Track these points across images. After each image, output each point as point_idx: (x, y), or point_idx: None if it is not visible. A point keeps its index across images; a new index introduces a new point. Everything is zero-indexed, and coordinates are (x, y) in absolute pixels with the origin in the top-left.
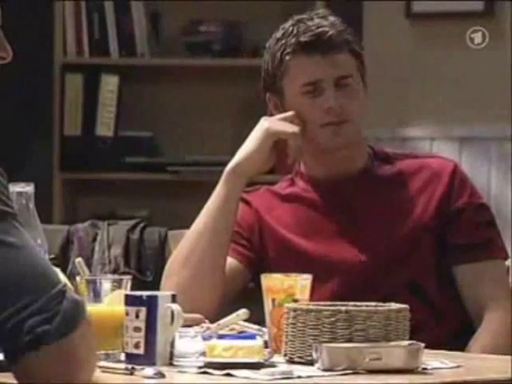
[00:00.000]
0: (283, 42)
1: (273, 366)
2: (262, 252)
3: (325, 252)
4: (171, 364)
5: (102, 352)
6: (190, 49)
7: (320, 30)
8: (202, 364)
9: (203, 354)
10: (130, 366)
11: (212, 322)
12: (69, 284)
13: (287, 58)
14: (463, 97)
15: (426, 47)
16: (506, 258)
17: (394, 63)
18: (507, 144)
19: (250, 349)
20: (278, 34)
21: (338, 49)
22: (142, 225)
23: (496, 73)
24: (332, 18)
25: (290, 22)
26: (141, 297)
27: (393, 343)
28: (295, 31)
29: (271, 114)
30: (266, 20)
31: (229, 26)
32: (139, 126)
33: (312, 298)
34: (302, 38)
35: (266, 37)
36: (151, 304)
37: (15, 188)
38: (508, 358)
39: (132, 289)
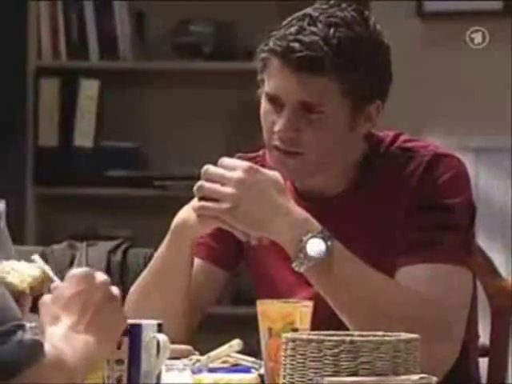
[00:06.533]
0: (273, 34)
1: None
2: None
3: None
4: None
5: None
6: (178, 51)
7: (293, 44)
8: None
9: None
10: None
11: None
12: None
13: (264, 55)
14: (479, 103)
15: (439, 49)
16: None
17: (406, 66)
18: None
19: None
20: (281, 25)
21: (313, 70)
22: (124, 245)
23: None
24: (332, 31)
25: (293, 16)
26: None
27: (402, 377)
28: (279, 33)
29: None
30: (260, 20)
31: (220, 27)
32: (122, 135)
33: None
34: (276, 44)
35: (260, 38)
36: (135, 333)
37: None
38: None
39: None
